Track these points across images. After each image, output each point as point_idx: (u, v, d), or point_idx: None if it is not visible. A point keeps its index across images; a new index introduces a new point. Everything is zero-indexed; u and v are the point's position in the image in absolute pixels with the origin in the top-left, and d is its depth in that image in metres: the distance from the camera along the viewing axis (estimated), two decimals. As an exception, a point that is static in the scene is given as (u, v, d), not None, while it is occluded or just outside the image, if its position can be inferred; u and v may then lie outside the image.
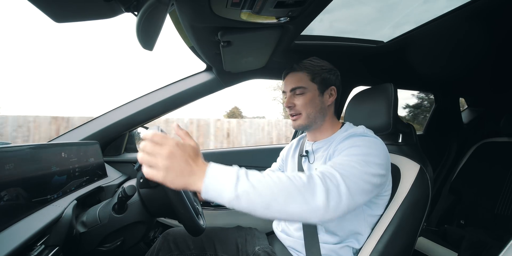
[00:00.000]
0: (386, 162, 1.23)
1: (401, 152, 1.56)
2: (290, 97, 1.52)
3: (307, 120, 1.50)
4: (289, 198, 0.91)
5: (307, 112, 1.49)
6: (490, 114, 3.45)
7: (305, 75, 1.49)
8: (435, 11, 1.53)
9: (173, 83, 2.18)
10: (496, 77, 2.79)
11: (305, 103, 1.48)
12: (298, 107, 1.49)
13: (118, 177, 1.93)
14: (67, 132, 2.07)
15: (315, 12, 1.25)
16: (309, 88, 1.48)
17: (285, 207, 0.90)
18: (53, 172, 1.33)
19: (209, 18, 1.19)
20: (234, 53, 1.64)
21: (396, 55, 2.08)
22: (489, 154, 2.87)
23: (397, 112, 1.46)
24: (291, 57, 1.89)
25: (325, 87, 1.51)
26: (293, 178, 0.97)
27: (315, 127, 1.54)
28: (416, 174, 1.38)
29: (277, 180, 0.94)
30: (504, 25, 1.64)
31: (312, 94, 1.49)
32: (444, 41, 1.86)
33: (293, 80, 1.51)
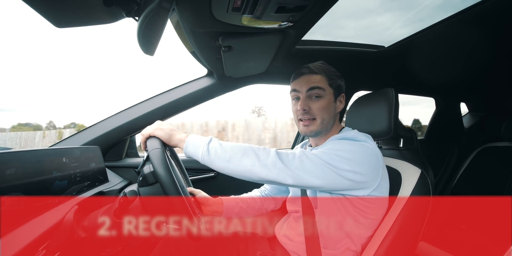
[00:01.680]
0: (368, 164, 1.24)
1: (402, 156, 1.56)
2: (306, 99, 1.45)
3: (320, 126, 1.45)
4: (245, 155, 1.15)
5: (322, 118, 1.44)
6: (491, 119, 3.45)
7: (324, 78, 1.45)
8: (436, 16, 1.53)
9: (174, 88, 2.19)
10: (497, 82, 2.79)
11: (322, 108, 1.43)
12: (314, 111, 1.43)
13: (119, 182, 1.92)
14: (69, 137, 2.07)
15: (316, 17, 1.25)
16: (327, 91, 1.44)
17: (241, 161, 1.14)
18: (54, 177, 1.33)
19: (210, 23, 1.19)
20: (235, 58, 1.64)
21: (397, 60, 2.09)
22: (490, 159, 2.86)
23: (398, 117, 1.46)
24: (292, 62, 1.89)
25: (338, 93, 1.49)
26: (255, 146, 1.20)
27: (323, 134, 1.51)
28: (417, 179, 1.38)
29: (242, 144, 1.20)
30: (505, 30, 1.64)
31: (329, 99, 1.45)
32: (445, 46, 1.86)
33: (311, 81, 1.44)
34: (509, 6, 1.36)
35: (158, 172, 1.12)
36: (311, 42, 1.81)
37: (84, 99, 41.02)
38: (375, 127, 1.53)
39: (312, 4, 1.08)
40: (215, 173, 2.38)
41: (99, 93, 38.07)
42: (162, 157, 1.15)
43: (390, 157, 1.59)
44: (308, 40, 1.78)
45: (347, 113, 1.81)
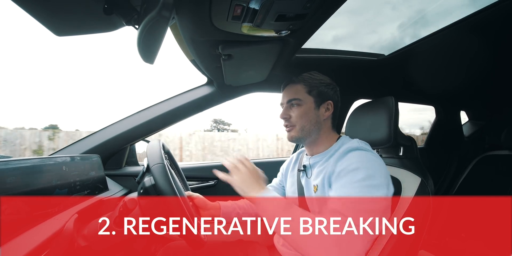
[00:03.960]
0: (384, 177, 1.25)
1: (402, 165, 1.56)
2: (286, 108, 1.52)
3: (300, 133, 1.49)
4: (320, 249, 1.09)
5: (301, 125, 1.48)
6: (491, 127, 3.45)
7: (302, 87, 1.49)
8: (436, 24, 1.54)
9: (174, 97, 2.19)
10: (497, 90, 2.80)
11: (299, 115, 1.48)
12: (293, 119, 1.49)
13: (119, 190, 1.92)
14: (68, 145, 2.07)
15: (316, 25, 1.26)
16: (304, 100, 1.48)
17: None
18: (54, 186, 1.33)
19: (210, 32, 1.19)
20: (235, 67, 1.64)
21: (397, 68, 2.09)
22: (490, 167, 2.85)
23: (397, 125, 1.46)
24: (292, 70, 1.89)
25: (322, 100, 1.50)
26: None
27: (310, 140, 1.52)
28: (417, 187, 1.37)
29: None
30: (505, 39, 1.65)
31: (307, 107, 1.48)
32: (445, 54, 1.86)
33: (290, 92, 1.51)
34: (508, 14, 1.37)
35: (162, 189, 1.14)
36: (311, 50, 1.82)
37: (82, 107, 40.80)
38: (375, 135, 1.53)
39: (312, 13, 1.08)
40: (215, 182, 2.37)
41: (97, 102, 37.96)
42: (165, 173, 1.18)
43: (390, 166, 1.58)
44: (308, 49, 1.79)
45: (346, 121, 1.81)
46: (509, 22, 1.45)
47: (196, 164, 2.54)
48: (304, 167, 1.58)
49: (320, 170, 1.43)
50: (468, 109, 3.65)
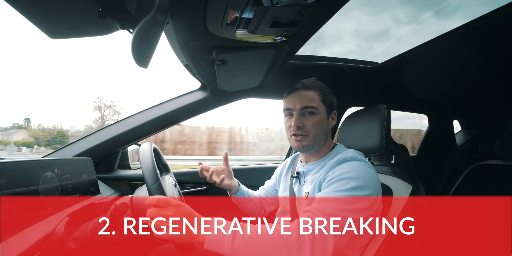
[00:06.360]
0: (375, 189, 1.25)
1: (393, 173, 1.56)
2: (299, 116, 1.46)
3: (312, 142, 1.45)
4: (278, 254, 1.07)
5: (315, 134, 1.44)
6: (483, 137, 3.46)
7: (317, 95, 1.46)
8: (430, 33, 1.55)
9: (167, 101, 2.19)
10: (490, 99, 2.81)
11: (315, 124, 1.44)
12: (307, 128, 1.44)
13: (110, 194, 1.91)
14: (61, 148, 2.06)
15: (310, 32, 1.26)
16: (320, 109, 1.45)
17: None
18: (46, 188, 1.32)
19: (204, 37, 1.20)
20: (228, 72, 1.64)
21: (390, 76, 2.10)
22: (482, 177, 2.86)
23: (389, 133, 1.47)
24: (285, 76, 1.90)
25: (331, 110, 1.50)
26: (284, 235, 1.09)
27: (315, 150, 1.50)
28: (408, 195, 1.38)
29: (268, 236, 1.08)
30: (498, 48, 1.66)
31: (322, 116, 1.46)
32: (438, 63, 1.87)
33: (304, 99, 1.45)
34: (501, 24, 1.38)
35: None
36: (305, 57, 1.82)
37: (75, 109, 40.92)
38: (366, 143, 1.53)
39: (306, 19, 1.09)
40: (207, 186, 2.37)
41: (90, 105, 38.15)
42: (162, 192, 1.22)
43: (381, 173, 1.59)
44: (302, 55, 1.79)
45: (339, 129, 1.81)
46: (502, 31, 1.46)
47: (188, 169, 2.54)
48: (298, 174, 1.58)
49: (313, 178, 1.43)
50: (461, 118, 3.66)
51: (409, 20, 1.66)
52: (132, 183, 2.23)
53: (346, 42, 1.87)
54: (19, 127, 26.77)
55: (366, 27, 1.81)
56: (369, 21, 1.80)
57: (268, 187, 1.91)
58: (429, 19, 1.58)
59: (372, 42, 1.82)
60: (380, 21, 1.74)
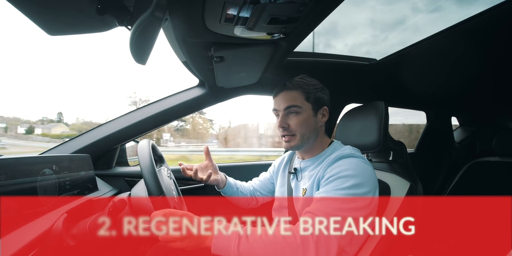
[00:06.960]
0: (373, 186, 1.27)
1: (391, 169, 1.57)
2: (284, 116, 1.48)
3: (300, 141, 1.46)
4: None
5: (302, 133, 1.45)
6: (482, 134, 3.46)
7: (299, 94, 1.46)
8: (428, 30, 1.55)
9: (165, 98, 2.20)
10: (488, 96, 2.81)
11: (299, 123, 1.45)
12: (292, 128, 1.45)
13: (109, 190, 1.91)
14: (59, 145, 2.06)
15: (308, 29, 1.26)
16: (304, 107, 1.45)
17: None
18: (44, 185, 1.32)
19: (203, 34, 1.20)
20: (226, 69, 1.65)
21: (388, 73, 2.10)
22: (480, 173, 2.86)
23: (387, 130, 1.47)
24: (283, 73, 1.90)
25: (319, 107, 1.49)
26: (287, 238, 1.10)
27: (306, 147, 1.51)
28: (406, 192, 1.38)
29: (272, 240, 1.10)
30: (496, 45, 1.66)
31: (307, 114, 1.46)
32: (436, 60, 1.87)
33: (288, 99, 1.47)
34: (499, 21, 1.38)
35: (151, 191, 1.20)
36: (303, 53, 1.83)
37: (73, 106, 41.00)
38: (364, 140, 1.53)
39: (304, 16, 1.09)
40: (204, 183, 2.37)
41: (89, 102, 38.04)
42: None
43: (379, 170, 1.60)
44: (300, 52, 1.79)
45: (337, 125, 1.81)
46: (499, 28, 1.46)
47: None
48: (295, 170, 1.58)
49: (311, 175, 1.44)
50: (459, 115, 3.66)
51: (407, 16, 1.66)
52: (130, 180, 2.23)
53: (361, 33, 1.86)
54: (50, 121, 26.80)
55: (364, 24, 1.80)
56: (385, 11, 1.79)
57: (264, 179, 1.93)
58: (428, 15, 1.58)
59: (370, 38, 1.82)
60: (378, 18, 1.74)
